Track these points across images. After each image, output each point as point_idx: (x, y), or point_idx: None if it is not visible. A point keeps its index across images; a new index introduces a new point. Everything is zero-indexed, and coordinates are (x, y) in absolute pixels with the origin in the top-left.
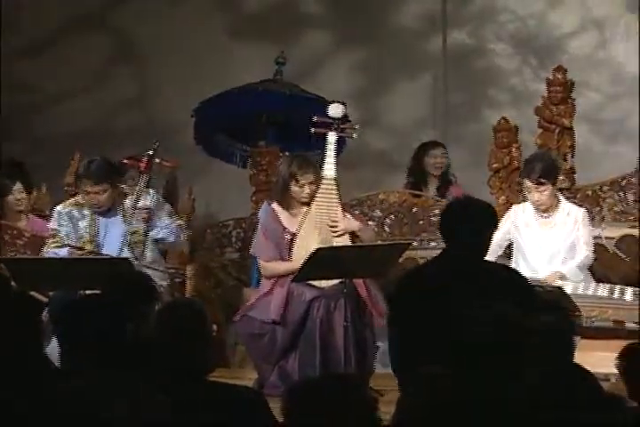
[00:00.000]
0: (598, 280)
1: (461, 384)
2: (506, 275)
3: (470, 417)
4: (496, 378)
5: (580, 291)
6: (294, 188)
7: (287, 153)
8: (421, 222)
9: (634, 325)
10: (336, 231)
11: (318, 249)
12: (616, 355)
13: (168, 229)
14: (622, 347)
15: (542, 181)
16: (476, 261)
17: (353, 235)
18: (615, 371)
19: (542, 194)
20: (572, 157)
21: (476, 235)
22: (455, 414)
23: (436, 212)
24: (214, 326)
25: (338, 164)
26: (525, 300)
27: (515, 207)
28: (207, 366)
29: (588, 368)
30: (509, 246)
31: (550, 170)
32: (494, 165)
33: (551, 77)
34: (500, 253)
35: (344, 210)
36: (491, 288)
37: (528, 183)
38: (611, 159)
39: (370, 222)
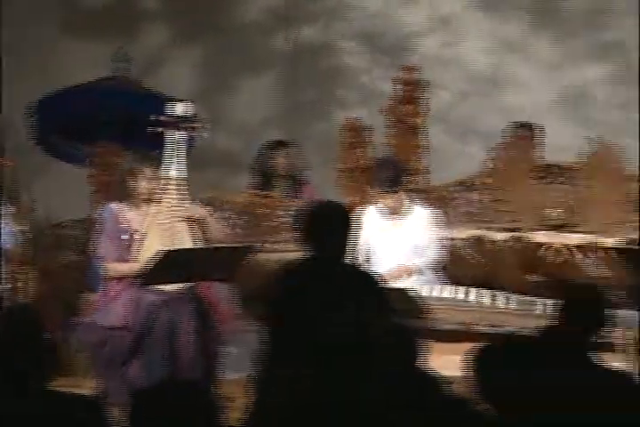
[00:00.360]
0: (448, 281)
1: (318, 385)
2: (362, 277)
3: (325, 417)
4: (347, 379)
5: (428, 293)
6: (133, 184)
7: (128, 152)
8: (270, 223)
9: (482, 327)
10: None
11: (168, 251)
12: (463, 357)
13: (5, 234)
14: (470, 349)
15: (389, 189)
16: (335, 263)
17: (201, 225)
18: (462, 373)
19: (391, 199)
20: (426, 157)
21: (333, 237)
22: (311, 414)
23: (286, 213)
24: (53, 332)
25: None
26: (378, 302)
27: (366, 209)
28: (45, 374)
29: (436, 371)
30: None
31: (396, 177)
32: (343, 166)
33: (400, 76)
34: (369, 254)
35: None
36: (347, 290)
37: (377, 189)
38: (463, 159)
39: None
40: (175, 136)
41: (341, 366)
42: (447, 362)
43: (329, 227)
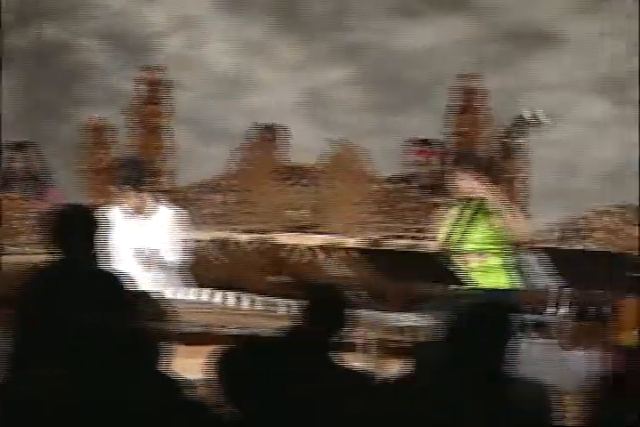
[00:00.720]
0: (193, 283)
1: (66, 386)
2: (107, 278)
3: (74, 418)
4: (91, 380)
5: (173, 294)
6: None
7: None
8: (9, 226)
9: (228, 329)
10: None
11: None
12: (206, 360)
13: None
14: (212, 351)
15: (132, 189)
16: (82, 264)
17: None
18: (205, 376)
19: (135, 200)
20: (170, 157)
21: (79, 239)
22: (60, 414)
23: (26, 215)
24: None
25: None
26: (122, 304)
27: (110, 209)
28: None
29: (180, 374)
30: None
31: (139, 177)
32: (86, 166)
33: (143, 76)
34: (114, 255)
35: None
36: (93, 292)
37: (120, 190)
38: (208, 160)
39: None
40: None
41: (86, 367)
42: (191, 365)
43: (75, 229)
